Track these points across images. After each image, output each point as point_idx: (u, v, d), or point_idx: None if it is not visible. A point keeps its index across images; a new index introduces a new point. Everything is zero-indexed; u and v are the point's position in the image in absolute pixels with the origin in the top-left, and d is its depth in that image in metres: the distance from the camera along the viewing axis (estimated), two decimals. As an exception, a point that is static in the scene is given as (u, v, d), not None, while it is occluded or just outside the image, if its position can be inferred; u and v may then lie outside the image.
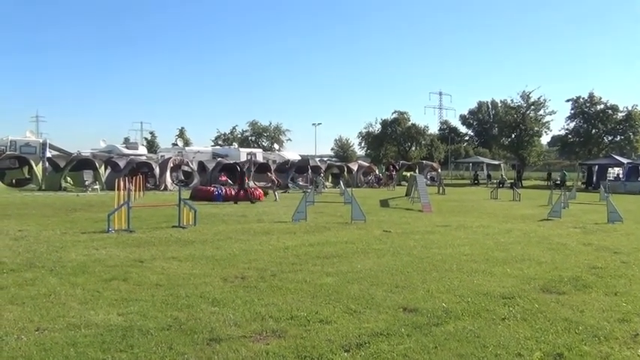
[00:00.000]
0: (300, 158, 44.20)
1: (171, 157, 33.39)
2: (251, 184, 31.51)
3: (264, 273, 7.94)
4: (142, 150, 48.89)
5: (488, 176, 50.03)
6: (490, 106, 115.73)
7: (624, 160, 41.92)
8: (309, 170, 35.89)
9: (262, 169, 35.60)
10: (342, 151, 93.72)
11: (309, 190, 22.21)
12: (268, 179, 26.97)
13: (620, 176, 40.72)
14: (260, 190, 24.76)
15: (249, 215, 16.65)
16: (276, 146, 64.16)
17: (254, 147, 65.89)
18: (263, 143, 79.44)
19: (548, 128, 57.02)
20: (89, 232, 11.83)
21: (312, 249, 10.22)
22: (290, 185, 33.31)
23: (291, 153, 52.26)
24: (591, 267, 8.93)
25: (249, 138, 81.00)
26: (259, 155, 44.67)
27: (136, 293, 6.66)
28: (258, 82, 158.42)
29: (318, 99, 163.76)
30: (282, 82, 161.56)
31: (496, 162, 58.64)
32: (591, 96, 54.90)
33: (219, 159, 37.01)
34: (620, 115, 54.21)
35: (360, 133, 76.05)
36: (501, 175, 47.12)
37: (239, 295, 6.64)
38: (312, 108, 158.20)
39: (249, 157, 40.21)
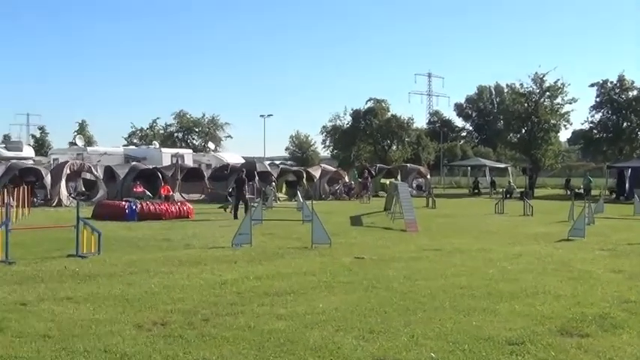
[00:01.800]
0: (243, 162, 43.96)
1: (67, 162, 32.73)
2: (177, 196, 31.21)
3: (192, 317, 7.84)
4: (28, 151, 47.78)
5: (492, 184, 50.91)
6: (493, 92, 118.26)
7: None
8: (256, 177, 35.72)
9: (193, 176, 35.26)
10: (301, 152, 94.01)
11: (255, 205, 22.10)
12: (202, 189, 26.74)
13: (659, 182, 41.77)
14: (189, 204, 24.51)
15: (173, 239, 16.43)
16: (211, 145, 63.71)
17: (182, 147, 65.31)
18: (194, 141, 78.86)
19: (568, 121, 57.49)
20: (-49, 265, 11.46)
21: (259, 283, 10.15)
22: (231, 198, 33.06)
23: (231, 154, 51.93)
24: (623, 301, 9.14)
25: (175, 135, 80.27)
26: (189, 158, 44.27)
27: (16, 349, 6.46)
28: (186, 61, 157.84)
29: (269, 83, 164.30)
30: (219, 61, 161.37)
31: (502, 165, 59.62)
32: (622, 79, 56.16)
33: (133, 163, 36.46)
34: (658, 103, 55.71)
35: (324, 127, 76.42)
36: (509, 182, 48.03)
37: (158, 348, 6.52)
38: (260, 95, 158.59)
39: (174, 161, 39.74)
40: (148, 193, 29.86)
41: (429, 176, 49.22)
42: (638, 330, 7.53)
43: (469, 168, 61.65)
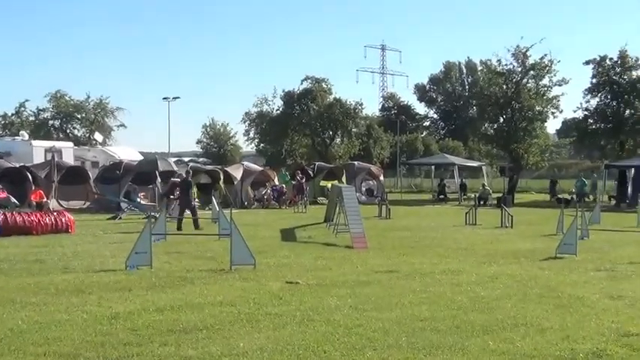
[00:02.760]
0: (142, 158, 43.44)
1: None
2: (53, 204, 30.64)
3: (73, 362, 7.75)
4: None
5: (462, 187, 51.53)
6: (464, 70, 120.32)
7: None
8: (157, 179, 35.33)
9: (74, 176, 34.65)
10: (217, 146, 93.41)
11: (157, 214, 21.87)
12: (86, 195, 26.33)
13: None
14: (68, 215, 24.11)
15: (48, 260, 16.14)
16: (98, 137, 62.80)
17: (59, 138, 64.16)
18: (75, 132, 77.63)
19: (557, 108, 58.78)
20: None
21: (161, 317, 10.08)
22: (125, 206, 32.66)
23: (125, 149, 51.28)
24: (622, 334, 9.40)
25: (51, 123, 78.85)
26: (68, 153, 43.49)
27: None
28: (65, 31, 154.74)
29: (176, 59, 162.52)
30: (107, 31, 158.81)
31: (474, 164, 60.37)
32: (623, 56, 57.42)
33: (-6, 160, 35.68)
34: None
35: (247, 114, 76.22)
36: (483, 185, 48.69)
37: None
38: (163, 73, 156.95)
39: (49, 157, 38.99)
40: (14, 199, 29.25)
41: (382, 178, 49.49)
42: (641, 370, 7.78)
43: (433, 167, 62.16)
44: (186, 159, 68.79)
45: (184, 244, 19.25)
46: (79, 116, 79.79)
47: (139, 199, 33.87)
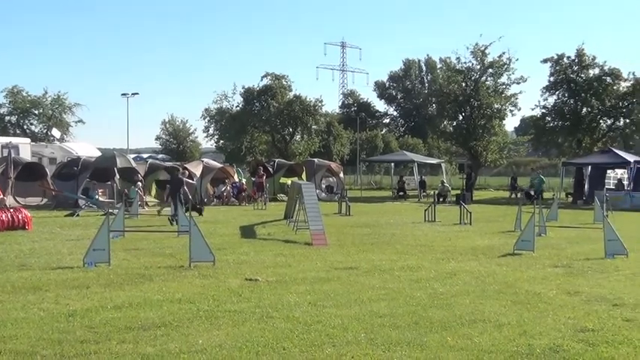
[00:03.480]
0: (100, 155, 43.08)
1: None
2: (9, 200, 30.27)
3: (29, 360, 7.68)
4: None
5: (422, 184, 51.83)
6: (424, 67, 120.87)
7: (630, 158, 43.97)
8: (117, 175, 35.12)
9: (31, 173, 34.29)
10: (177, 143, 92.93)
11: (115, 211, 21.70)
12: (43, 191, 26.04)
13: (625, 183, 43.45)
14: (25, 211, 23.84)
15: (4, 257, 16.01)
16: (56, 133, 62.14)
17: (15, 134, 63.34)
18: (32, 128, 76.71)
19: (516, 105, 59.36)
20: None
21: (119, 315, 10.03)
22: (82, 203, 32.40)
23: (83, 145, 50.83)
24: (578, 329, 9.55)
25: (7, 119, 77.84)
26: (25, 149, 42.97)
27: None
28: (24, 25, 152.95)
29: (134, 54, 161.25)
30: (65, 23, 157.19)
31: (434, 161, 60.83)
32: (580, 55, 57.87)
33: (-53, 156, 35.18)
34: (624, 85, 57.45)
35: (206, 111, 75.89)
36: (442, 182, 49.03)
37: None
38: (123, 67, 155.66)
39: (5, 153, 38.51)
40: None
41: (342, 175, 49.62)
42: (596, 365, 7.89)
43: (393, 164, 62.47)
44: (145, 155, 68.42)
45: (143, 241, 19.15)
46: (36, 112, 78.71)
47: (97, 196, 33.65)
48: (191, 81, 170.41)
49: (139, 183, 34.96)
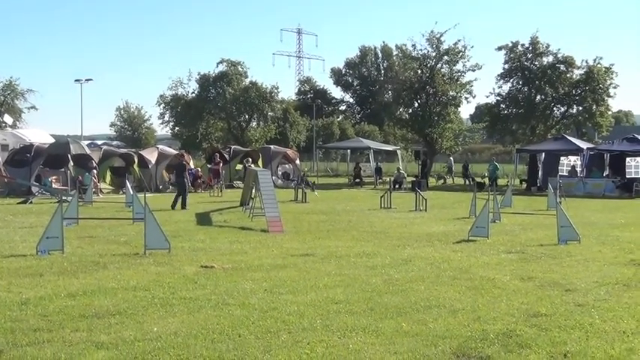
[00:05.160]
0: (53, 141, 42.64)
1: None
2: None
3: (-20, 350, 7.60)
4: None
5: (377, 171, 52.11)
6: (380, 55, 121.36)
7: (583, 145, 45.18)
8: (70, 162, 34.79)
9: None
10: (131, 129, 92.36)
11: (69, 199, 21.50)
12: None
13: (578, 169, 44.30)
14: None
15: (-45, 245, 15.80)
16: (7, 120, 61.35)
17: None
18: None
19: (470, 93, 59.56)
20: None
21: (73, 303, 9.96)
22: (36, 190, 32.04)
23: (36, 132, 50.26)
24: (531, 314, 9.68)
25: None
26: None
27: None
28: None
29: (87, 39, 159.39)
30: (19, 9, 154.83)
31: (390, 148, 61.07)
32: (535, 42, 58.81)
33: None
34: (577, 73, 58.64)
35: (162, 97, 75.40)
36: (398, 169, 49.27)
37: None
38: (76, 53, 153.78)
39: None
40: None
41: (298, 161, 49.70)
42: (549, 350, 7.99)
43: (349, 151, 62.83)
44: (99, 142, 67.78)
45: (97, 229, 19.01)
46: (-13, 98, 77.68)
47: (50, 183, 33.31)
48: (146, 67, 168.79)
49: (94, 170, 34.71)
